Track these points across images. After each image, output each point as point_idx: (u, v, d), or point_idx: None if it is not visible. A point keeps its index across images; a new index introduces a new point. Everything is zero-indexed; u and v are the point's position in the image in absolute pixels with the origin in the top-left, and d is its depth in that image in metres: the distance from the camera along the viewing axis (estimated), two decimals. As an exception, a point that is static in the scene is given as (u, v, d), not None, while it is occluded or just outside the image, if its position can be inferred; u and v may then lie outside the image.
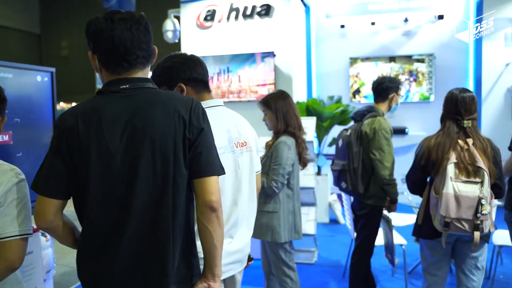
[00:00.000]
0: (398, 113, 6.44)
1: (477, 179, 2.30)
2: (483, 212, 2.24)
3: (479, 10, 6.24)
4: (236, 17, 5.97)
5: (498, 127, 6.13)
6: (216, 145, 1.47)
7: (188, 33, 6.17)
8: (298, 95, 6.09)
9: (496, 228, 3.85)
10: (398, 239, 3.71)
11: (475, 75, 6.30)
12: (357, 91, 6.59)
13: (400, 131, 6.34)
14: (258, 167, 2.03)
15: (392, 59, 6.45)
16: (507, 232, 3.83)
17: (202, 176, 1.36)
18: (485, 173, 2.28)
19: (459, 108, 2.46)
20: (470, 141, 2.39)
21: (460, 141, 2.41)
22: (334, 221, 5.79)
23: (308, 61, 6.75)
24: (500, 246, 3.66)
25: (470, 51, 6.34)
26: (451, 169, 2.32)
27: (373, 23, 6.49)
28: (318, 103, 5.50)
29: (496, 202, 3.49)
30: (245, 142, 1.87)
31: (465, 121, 2.44)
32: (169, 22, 6.36)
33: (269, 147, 2.90)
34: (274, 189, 2.73)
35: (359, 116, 3.19)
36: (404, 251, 3.69)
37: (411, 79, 6.39)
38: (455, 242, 2.51)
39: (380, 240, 3.40)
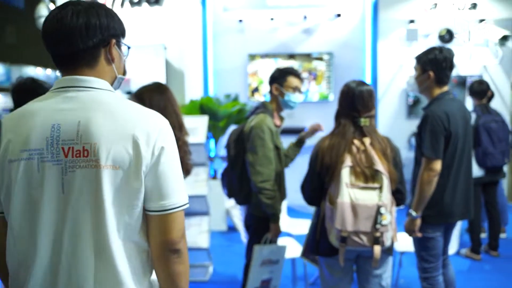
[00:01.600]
0: (297, 112, 6.22)
1: (376, 185, 1.98)
2: (383, 222, 1.93)
3: (375, 10, 6.25)
4: (122, 4, 5.35)
5: (394, 127, 6.18)
6: (18, 147, 1.07)
7: (66, 20, 5.40)
8: (192, 93, 5.62)
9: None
10: (297, 249, 3.39)
11: (372, 75, 6.30)
12: (256, 89, 6.27)
13: (299, 131, 6.11)
14: (155, 202, 1.15)
15: (291, 56, 6.23)
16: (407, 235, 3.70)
17: None
18: (384, 177, 1.97)
19: (356, 104, 2.13)
20: (367, 141, 2.07)
21: (356, 142, 2.08)
22: (232, 228, 5.38)
23: (204, 56, 6.29)
24: (402, 253, 3.49)
25: (366, 51, 6.33)
26: (346, 174, 1.98)
27: (272, 19, 6.23)
28: (213, 102, 5.08)
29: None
30: (85, 150, 1.10)
31: (362, 119, 2.12)
32: (43, 8, 5.53)
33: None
34: None
35: (251, 114, 2.82)
36: (304, 262, 3.39)
37: (311, 77, 6.22)
38: (356, 258, 2.19)
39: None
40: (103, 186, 1.09)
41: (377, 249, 1.96)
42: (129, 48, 1.32)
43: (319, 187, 2.19)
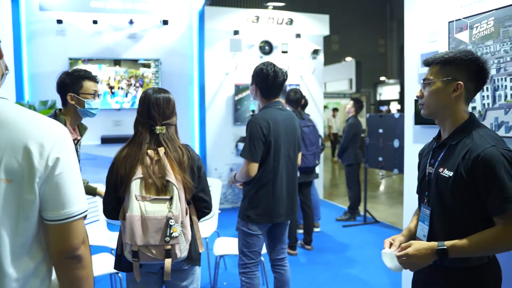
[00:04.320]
0: (126, 120, 6.04)
1: (167, 196, 1.96)
2: (173, 234, 1.91)
3: (201, 19, 6.38)
4: None
5: (222, 133, 6.38)
6: None
7: None
8: (0, 99, 4.99)
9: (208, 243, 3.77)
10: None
11: (199, 82, 6.42)
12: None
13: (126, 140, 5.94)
14: (51, 211, 1.13)
15: (117, 62, 6.00)
16: (229, 239, 3.81)
17: None
18: (175, 188, 1.97)
19: (152, 111, 2.10)
20: (161, 150, 2.04)
21: (150, 152, 2.03)
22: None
23: (17, 58, 5.67)
24: (221, 256, 3.57)
25: (194, 59, 6.43)
26: (136, 186, 1.92)
27: (95, 22, 5.91)
28: (24, 109, 4.57)
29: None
30: None
31: (159, 127, 2.09)
32: None
33: None
34: None
35: None
36: (120, 276, 3.26)
37: (138, 84, 6.07)
38: (162, 271, 2.12)
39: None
40: (13, 200, 1.06)
41: (167, 262, 1.92)
42: None
43: (115, 200, 2.07)
